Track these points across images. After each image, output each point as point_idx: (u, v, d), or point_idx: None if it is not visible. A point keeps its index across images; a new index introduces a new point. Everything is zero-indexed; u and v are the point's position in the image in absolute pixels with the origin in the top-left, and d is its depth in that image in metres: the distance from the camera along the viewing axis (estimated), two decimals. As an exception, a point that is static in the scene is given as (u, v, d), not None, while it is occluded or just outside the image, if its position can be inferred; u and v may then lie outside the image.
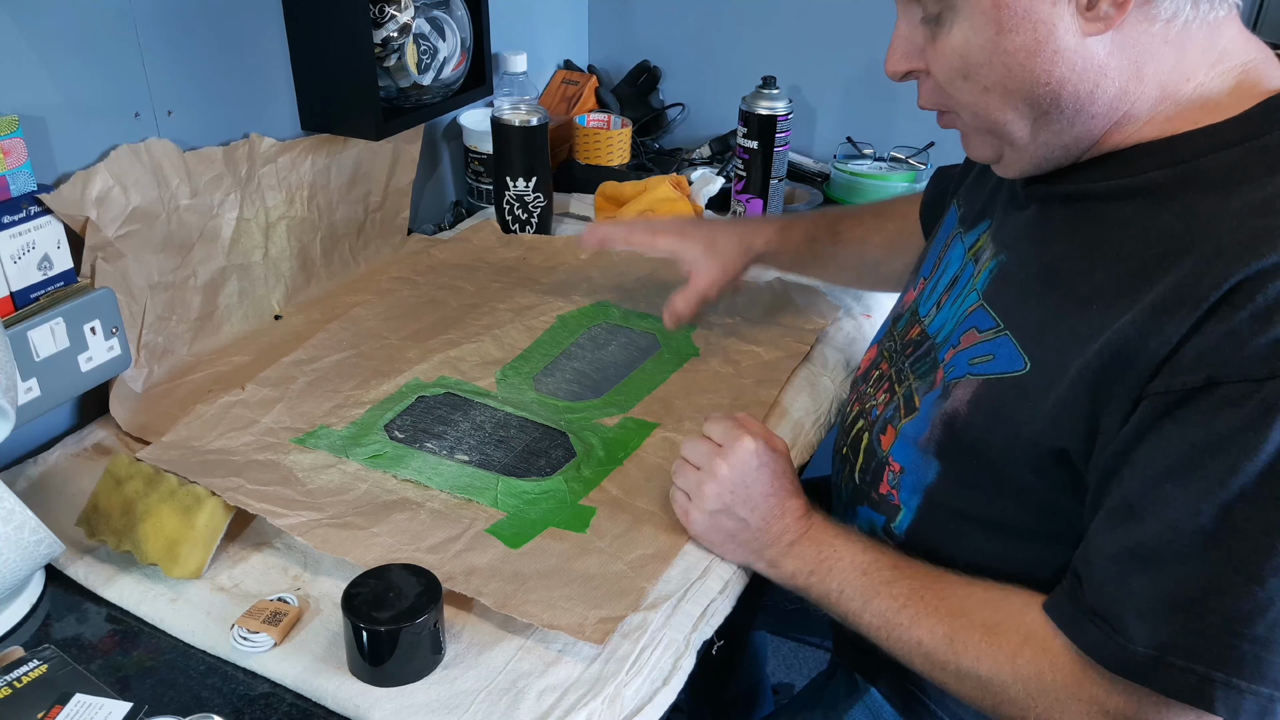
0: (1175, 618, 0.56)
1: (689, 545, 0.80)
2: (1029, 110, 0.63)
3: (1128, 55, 0.60)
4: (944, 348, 0.76)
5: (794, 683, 1.69)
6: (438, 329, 1.12)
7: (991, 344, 0.70)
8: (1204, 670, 0.55)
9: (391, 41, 1.09)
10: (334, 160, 1.18)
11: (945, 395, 0.72)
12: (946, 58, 0.64)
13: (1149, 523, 0.57)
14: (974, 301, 0.74)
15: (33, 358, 0.85)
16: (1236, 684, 0.55)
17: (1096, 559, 0.61)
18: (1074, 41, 0.59)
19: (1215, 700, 0.55)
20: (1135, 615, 0.58)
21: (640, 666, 0.69)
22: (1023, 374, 0.66)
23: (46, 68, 0.87)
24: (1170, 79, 0.61)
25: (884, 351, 0.85)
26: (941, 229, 0.88)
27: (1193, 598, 0.56)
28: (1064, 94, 0.61)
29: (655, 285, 1.24)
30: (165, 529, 0.75)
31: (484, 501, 0.84)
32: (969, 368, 0.71)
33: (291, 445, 0.90)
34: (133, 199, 0.94)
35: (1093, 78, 0.60)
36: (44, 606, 0.76)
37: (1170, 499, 0.56)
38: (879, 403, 0.82)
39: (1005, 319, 0.70)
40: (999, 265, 0.73)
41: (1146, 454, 0.58)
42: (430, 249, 1.31)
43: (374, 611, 0.66)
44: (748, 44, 1.62)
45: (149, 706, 0.66)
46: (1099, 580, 0.61)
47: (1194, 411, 0.55)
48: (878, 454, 0.79)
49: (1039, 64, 0.60)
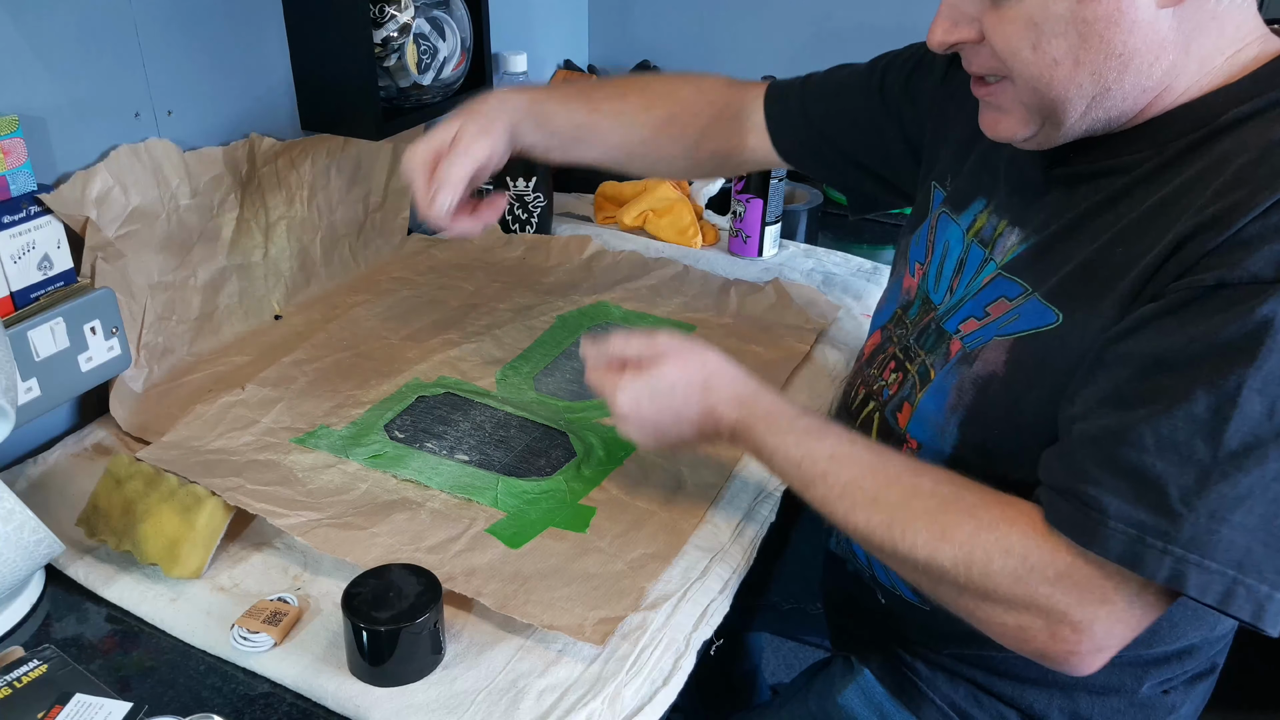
0: (1157, 502, 0.57)
1: (689, 545, 0.80)
2: (1092, 85, 0.62)
3: (1184, 30, 0.61)
4: (951, 318, 0.76)
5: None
6: (438, 329, 1.12)
7: (1020, 308, 0.70)
8: (1181, 553, 0.56)
9: (391, 41, 1.09)
10: (334, 160, 1.18)
11: (970, 360, 0.71)
12: (1016, 25, 0.62)
13: (1138, 409, 0.58)
14: (991, 272, 0.73)
15: (33, 358, 0.85)
16: (1208, 565, 0.55)
17: (1077, 440, 0.61)
18: (1149, 13, 0.60)
19: (1188, 581, 0.56)
20: (1112, 494, 0.58)
21: (640, 666, 0.69)
22: (1056, 326, 0.66)
23: (46, 68, 0.87)
24: (1208, 53, 0.62)
25: (893, 337, 0.85)
26: (915, 214, 0.88)
27: (1178, 484, 0.56)
28: (1130, 67, 0.61)
29: (655, 285, 1.24)
30: (165, 529, 0.75)
31: (484, 501, 0.84)
32: (997, 331, 0.70)
33: (291, 445, 0.90)
34: (133, 199, 0.94)
35: (1155, 50, 0.61)
36: (44, 606, 0.76)
37: (1164, 387, 0.57)
38: (889, 383, 0.81)
39: (1032, 283, 0.69)
40: (1029, 248, 0.72)
41: (1142, 345, 0.59)
42: (430, 249, 1.31)
43: (374, 611, 0.66)
44: (748, 44, 1.62)
45: (149, 706, 0.66)
46: (1078, 459, 0.60)
47: (1197, 308, 0.57)
48: (895, 431, 0.78)
49: (1116, 34, 0.60)
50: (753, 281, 1.25)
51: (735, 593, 0.78)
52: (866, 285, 1.26)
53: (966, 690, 0.81)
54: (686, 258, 1.32)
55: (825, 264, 1.32)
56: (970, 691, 0.81)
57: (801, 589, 1.11)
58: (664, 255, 1.32)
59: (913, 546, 0.65)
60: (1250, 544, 0.55)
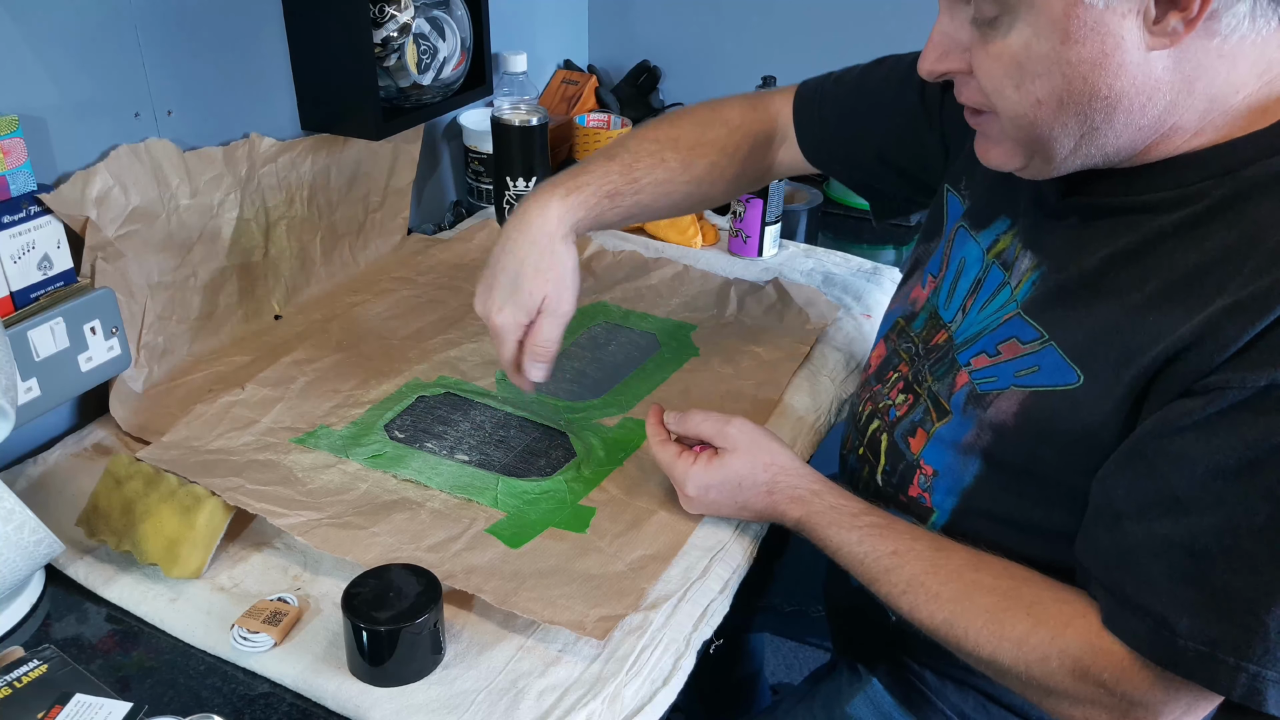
0: (1227, 614, 0.56)
1: (689, 545, 0.80)
2: (1078, 125, 0.61)
3: (1183, 71, 0.59)
4: (966, 350, 0.75)
5: (793, 683, 1.69)
6: (438, 329, 1.12)
7: (1036, 356, 0.68)
8: (1256, 669, 0.55)
9: (391, 41, 1.09)
10: (334, 160, 1.18)
11: (983, 404, 0.71)
12: (1000, 63, 0.61)
13: (1203, 518, 0.57)
14: (1011, 311, 0.72)
15: (33, 358, 0.85)
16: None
17: (1143, 552, 0.60)
18: (1138, 56, 0.58)
19: (1266, 699, 0.55)
20: (1184, 609, 0.58)
21: (640, 666, 0.69)
22: (1076, 387, 0.65)
23: (46, 68, 0.87)
24: (1221, 92, 0.60)
25: (901, 352, 0.84)
26: (931, 221, 0.87)
27: (1246, 596, 0.56)
28: (1119, 108, 0.60)
29: (655, 285, 1.24)
30: (165, 529, 0.75)
31: (484, 501, 0.84)
32: (1014, 379, 0.70)
33: (291, 445, 0.90)
34: (133, 199, 0.94)
35: (1148, 92, 0.59)
36: (44, 606, 0.76)
37: (1224, 497, 0.56)
38: (897, 404, 0.81)
39: (1050, 330, 0.68)
40: (1041, 276, 0.71)
41: (1195, 447, 0.57)
42: (430, 249, 1.31)
43: (374, 611, 0.66)
44: (748, 44, 1.62)
45: (149, 706, 0.66)
46: (1146, 572, 0.60)
47: (1252, 412, 0.55)
48: (906, 456, 0.78)
49: (1101, 77, 0.58)
50: (753, 281, 1.25)
51: (735, 593, 0.78)
52: (866, 285, 1.26)
53: (975, 700, 0.81)
54: (686, 258, 1.32)
55: (825, 264, 1.32)
56: (979, 701, 0.81)
57: (803, 592, 1.11)
58: (664, 255, 1.32)
59: (976, 645, 0.67)
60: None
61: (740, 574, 0.80)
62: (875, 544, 0.73)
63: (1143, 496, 0.60)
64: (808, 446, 0.96)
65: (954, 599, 0.68)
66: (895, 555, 0.72)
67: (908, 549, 0.72)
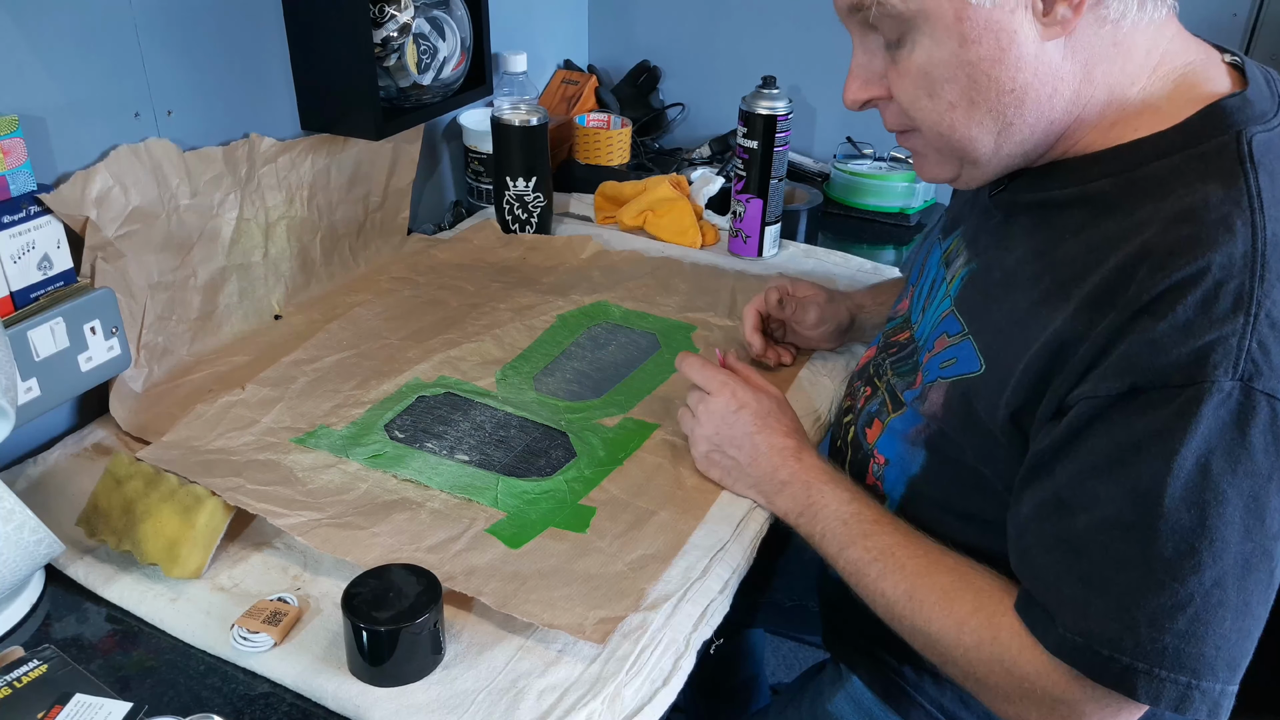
0: (1101, 608, 0.59)
1: (689, 545, 0.80)
2: (993, 123, 0.64)
3: (1079, 58, 0.62)
4: (923, 351, 0.79)
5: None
6: (438, 329, 1.12)
7: (956, 348, 0.73)
8: (1128, 661, 0.58)
9: (391, 41, 1.09)
10: (334, 160, 1.18)
11: (923, 398, 0.75)
12: (910, 77, 0.66)
13: (1079, 517, 0.60)
14: (946, 308, 0.77)
15: (33, 358, 0.85)
16: (1158, 673, 0.57)
17: (1034, 548, 0.64)
18: (1034, 47, 0.61)
19: (1137, 688, 0.58)
20: (1068, 602, 0.61)
21: (640, 666, 0.69)
22: (978, 375, 0.69)
23: (46, 68, 0.87)
24: (1118, 82, 0.63)
25: (881, 354, 0.88)
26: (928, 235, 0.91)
27: (1119, 591, 0.58)
28: (1027, 100, 0.63)
29: (655, 285, 1.24)
30: (165, 529, 0.75)
31: (484, 501, 0.84)
32: (939, 371, 0.74)
33: (291, 445, 0.90)
34: (133, 199, 0.94)
35: (1051, 82, 0.62)
36: (44, 606, 0.76)
37: (1097, 495, 0.59)
38: (863, 397, 0.85)
39: (969, 323, 0.72)
40: (969, 273, 0.75)
41: (1076, 452, 0.61)
42: (430, 249, 1.31)
43: (374, 611, 0.66)
44: (748, 44, 1.62)
45: (149, 706, 0.66)
46: (1037, 567, 0.64)
47: (1119, 414, 0.58)
48: (864, 446, 0.82)
49: (1003, 72, 0.62)
50: (756, 275, 1.25)
51: (735, 592, 0.78)
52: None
53: (953, 693, 0.82)
54: (686, 258, 1.32)
55: (825, 264, 1.32)
56: (957, 694, 0.82)
57: (803, 586, 1.12)
58: (664, 255, 1.32)
59: (927, 622, 0.69)
60: (1200, 649, 0.57)
61: (740, 574, 0.80)
62: (862, 508, 0.76)
63: (1036, 497, 0.64)
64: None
65: (917, 573, 0.71)
66: (876, 523, 0.75)
67: (889, 521, 0.75)
